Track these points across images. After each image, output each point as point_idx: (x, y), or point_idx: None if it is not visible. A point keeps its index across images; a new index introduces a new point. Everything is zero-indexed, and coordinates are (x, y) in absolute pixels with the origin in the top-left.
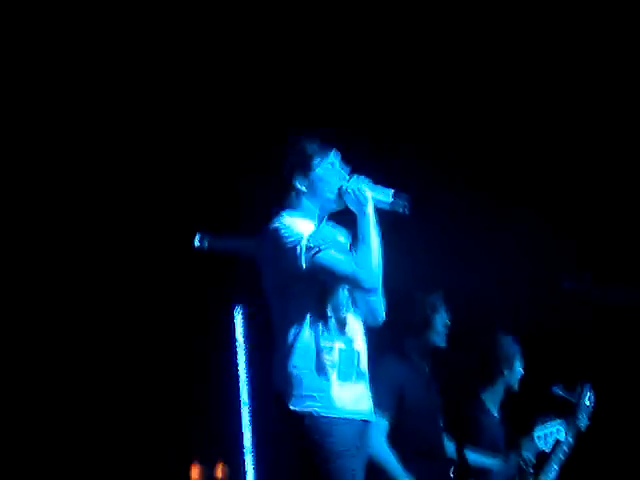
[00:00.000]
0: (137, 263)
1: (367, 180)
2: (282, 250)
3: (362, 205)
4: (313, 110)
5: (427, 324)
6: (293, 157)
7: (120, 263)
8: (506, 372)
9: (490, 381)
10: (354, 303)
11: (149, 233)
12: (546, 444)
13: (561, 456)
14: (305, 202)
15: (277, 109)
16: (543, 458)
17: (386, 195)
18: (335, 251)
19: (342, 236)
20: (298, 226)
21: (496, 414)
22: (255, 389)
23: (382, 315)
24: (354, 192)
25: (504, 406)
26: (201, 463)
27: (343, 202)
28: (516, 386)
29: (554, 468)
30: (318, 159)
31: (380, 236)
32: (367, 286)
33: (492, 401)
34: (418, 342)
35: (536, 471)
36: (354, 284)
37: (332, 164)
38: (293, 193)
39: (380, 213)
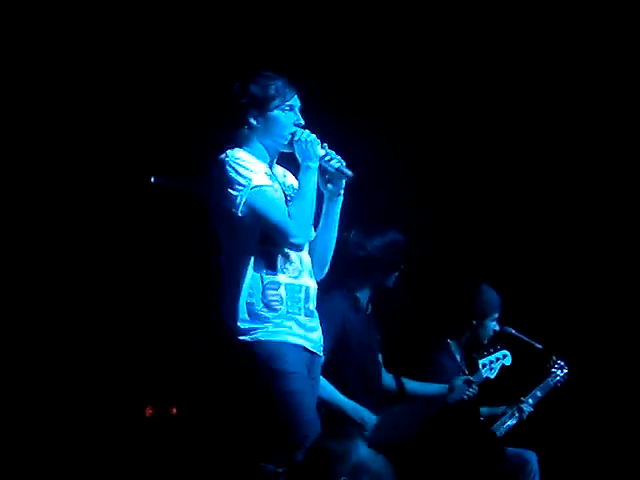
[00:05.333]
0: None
1: (319, 140)
2: (224, 193)
3: (309, 159)
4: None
5: (375, 264)
6: (253, 92)
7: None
8: (476, 323)
9: (458, 328)
10: None
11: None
12: (491, 371)
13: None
14: (256, 140)
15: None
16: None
17: (336, 161)
18: (274, 197)
19: (291, 180)
20: (247, 165)
21: (459, 360)
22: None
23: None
24: (306, 143)
25: (467, 356)
26: (156, 403)
27: (292, 148)
28: (485, 340)
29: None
30: (278, 100)
31: (316, 195)
32: (294, 241)
33: (457, 347)
34: (363, 281)
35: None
36: (282, 235)
37: (291, 107)
38: (245, 129)
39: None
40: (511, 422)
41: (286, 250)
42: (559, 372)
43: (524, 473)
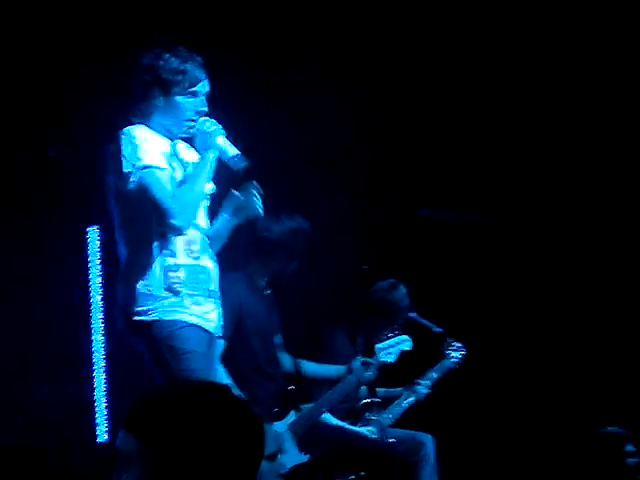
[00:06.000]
0: None
1: (221, 129)
2: (117, 171)
3: (206, 148)
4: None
5: (279, 249)
6: (158, 71)
7: None
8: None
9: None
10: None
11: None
12: (389, 355)
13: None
14: (158, 117)
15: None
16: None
17: (231, 152)
18: (161, 178)
19: (192, 156)
20: (142, 143)
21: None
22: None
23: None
24: (205, 133)
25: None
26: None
27: (191, 133)
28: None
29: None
30: (183, 85)
31: (206, 184)
32: (172, 222)
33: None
34: (264, 264)
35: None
36: (162, 215)
37: (195, 94)
38: (146, 104)
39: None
40: (406, 403)
41: (186, 232)
42: (456, 354)
43: (418, 456)
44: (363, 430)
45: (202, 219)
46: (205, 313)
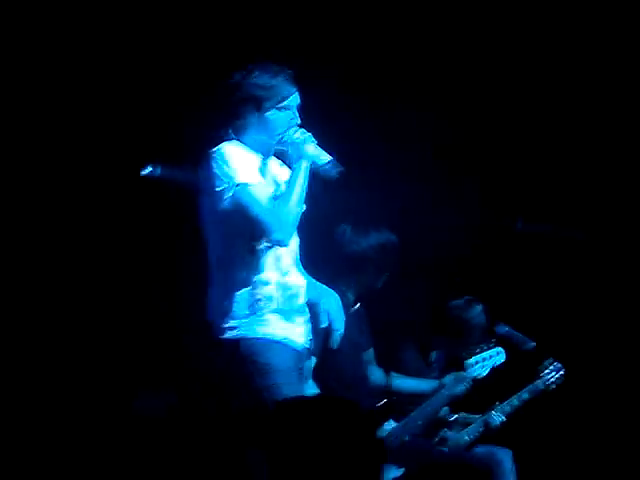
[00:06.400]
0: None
1: (312, 138)
2: (211, 189)
3: (300, 159)
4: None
5: (368, 263)
6: (250, 88)
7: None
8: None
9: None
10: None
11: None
12: (482, 369)
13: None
14: (250, 133)
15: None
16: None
17: (324, 159)
18: (258, 194)
19: (284, 174)
20: (235, 160)
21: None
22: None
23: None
24: (298, 143)
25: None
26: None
27: (285, 146)
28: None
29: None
30: (275, 100)
31: (304, 195)
32: (275, 237)
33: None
34: (353, 279)
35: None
36: (263, 231)
37: (287, 108)
38: (240, 121)
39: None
40: (472, 435)
41: (275, 247)
42: (552, 375)
43: (497, 473)
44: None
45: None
46: (293, 329)
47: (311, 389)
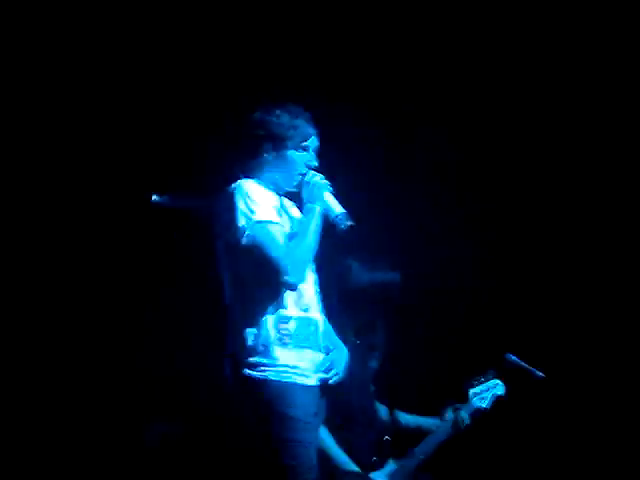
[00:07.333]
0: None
1: (328, 186)
2: (230, 225)
3: (314, 201)
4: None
5: (367, 300)
6: (271, 127)
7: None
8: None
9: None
10: (314, 271)
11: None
12: (483, 401)
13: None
14: (268, 172)
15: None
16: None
17: (338, 209)
18: (275, 233)
19: (296, 212)
20: (254, 198)
21: None
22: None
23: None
24: (314, 186)
25: None
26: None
27: (300, 187)
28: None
29: None
30: (295, 140)
31: (318, 238)
32: (288, 279)
33: None
34: (354, 315)
35: None
36: (276, 272)
37: (306, 148)
38: (259, 159)
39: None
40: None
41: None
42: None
43: None
44: None
45: (309, 272)
46: (313, 365)
47: (324, 434)
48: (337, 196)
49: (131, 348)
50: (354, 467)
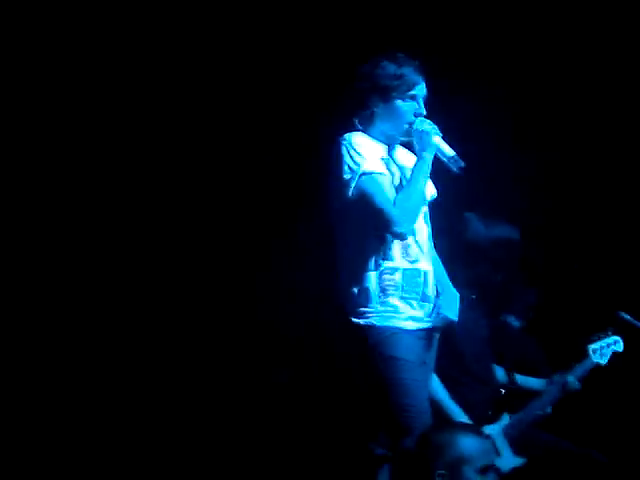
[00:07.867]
0: None
1: (437, 130)
2: (337, 176)
3: (424, 149)
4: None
5: (482, 256)
6: (377, 78)
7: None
8: None
9: None
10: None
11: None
12: (602, 357)
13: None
14: (376, 124)
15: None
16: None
17: (448, 153)
18: (382, 184)
19: (410, 161)
20: (361, 149)
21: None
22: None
23: None
24: (422, 133)
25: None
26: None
27: (410, 137)
28: None
29: None
30: (401, 89)
31: (426, 186)
32: (396, 229)
33: None
34: (469, 271)
35: None
36: (384, 222)
37: (414, 97)
38: (367, 111)
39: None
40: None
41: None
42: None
43: None
44: None
45: (421, 223)
46: (420, 316)
47: (434, 382)
48: (446, 139)
49: (253, 301)
50: (466, 419)
